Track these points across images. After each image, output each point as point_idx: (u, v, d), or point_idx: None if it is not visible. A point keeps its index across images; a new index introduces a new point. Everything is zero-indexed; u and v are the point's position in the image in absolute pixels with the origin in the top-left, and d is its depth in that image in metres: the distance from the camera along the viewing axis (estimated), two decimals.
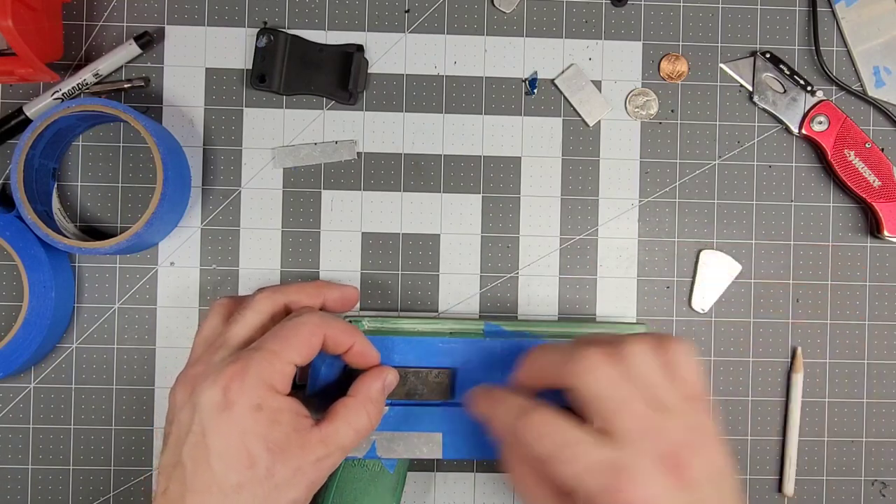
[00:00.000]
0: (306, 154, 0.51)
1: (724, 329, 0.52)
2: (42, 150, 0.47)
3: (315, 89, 0.51)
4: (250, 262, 0.51)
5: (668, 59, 0.52)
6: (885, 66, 0.52)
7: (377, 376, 0.42)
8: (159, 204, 0.45)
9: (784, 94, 0.52)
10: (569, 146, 0.52)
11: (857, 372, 0.52)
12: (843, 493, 0.52)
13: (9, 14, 0.41)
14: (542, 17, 0.52)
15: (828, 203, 0.52)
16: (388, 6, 0.51)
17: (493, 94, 0.51)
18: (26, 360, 0.47)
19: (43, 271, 0.47)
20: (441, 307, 0.51)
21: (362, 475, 0.46)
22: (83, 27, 0.50)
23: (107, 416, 0.50)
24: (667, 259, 0.52)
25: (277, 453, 0.37)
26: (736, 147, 0.52)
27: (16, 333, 0.46)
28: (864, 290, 0.52)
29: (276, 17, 0.51)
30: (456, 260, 0.51)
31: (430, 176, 0.51)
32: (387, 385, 0.43)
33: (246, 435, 0.37)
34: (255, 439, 0.37)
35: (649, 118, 0.52)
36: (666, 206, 0.52)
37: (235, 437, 0.37)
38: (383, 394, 0.42)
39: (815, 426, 0.52)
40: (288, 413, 0.38)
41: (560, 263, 0.51)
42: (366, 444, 0.45)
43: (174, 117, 0.51)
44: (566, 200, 0.52)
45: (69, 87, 0.49)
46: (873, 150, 0.51)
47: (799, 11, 0.52)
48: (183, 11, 0.51)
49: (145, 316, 0.50)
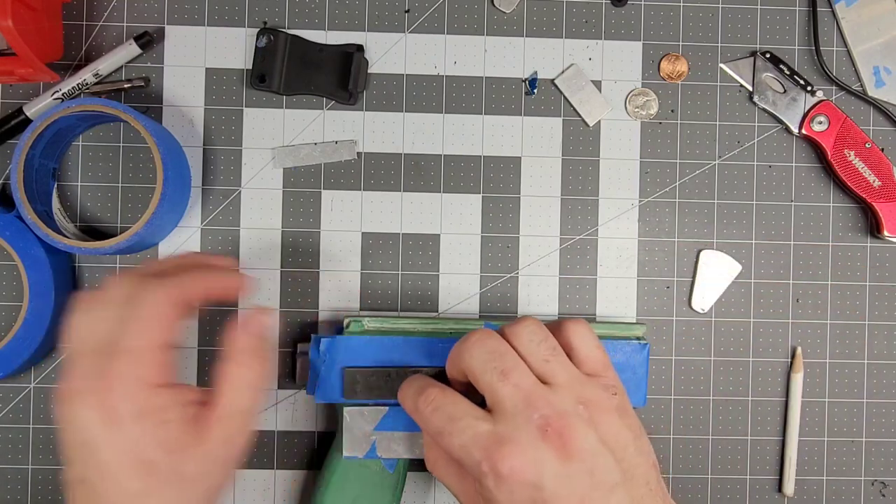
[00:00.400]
0: (306, 154, 0.51)
1: (724, 329, 0.52)
2: (42, 150, 0.47)
3: (315, 89, 0.51)
4: (250, 262, 0.51)
5: (668, 59, 0.52)
6: (885, 66, 0.52)
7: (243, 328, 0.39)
8: (159, 204, 0.45)
9: (784, 94, 0.52)
10: (569, 146, 0.52)
11: (857, 372, 0.52)
12: (843, 493, 0.52)
13: (9, 14, 0.41)
14: (542, 17, 0.52)
15: (828, 203, 0.52)
16: (388, 6, 0.51)
17: (493, 94, 0.51)
18: (26, 359, 0.47)
19: (43, 271, 0.47)
20: (441, 307, 0.51)
21: (362, 475, 0.46)
22: (83, 27, 0.50)
23: None
24: (667, 259, 0.52)
25: (178, 451, 0.36)
26: (736, 147, 0.52)
27: (15, 333, 0.46)
28: (864, 290, 0.52)
29: (276, 17, 0.51)
30: (456, 260, 0.51)
31: (430, 176, 0.51)
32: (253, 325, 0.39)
33: (137, 444, 0.35)
34: (149, 446, 0.35)
35: (649, 118, 0.52)
36: (666, 206, 0.52)
37: (128, 449, 0.35)
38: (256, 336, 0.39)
39: (815, 426, 0.52)
40: (174, 407, 0.36)
41: (560, 263, 0.51)
42: (366, 444, 0.45)
43: (174, 117, 0.51)
44: (566, 200, 0.52)
45: (69, 87, 0.49)
46: (873, 150, 0.51)
47: (799, 11, 0.52)
48: (183, 11, 0.51)
49: None
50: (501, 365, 0.37)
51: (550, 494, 0.35)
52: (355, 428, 0.45)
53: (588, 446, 0.36)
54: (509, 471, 0.35)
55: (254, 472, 0.50)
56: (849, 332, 0.52)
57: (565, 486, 0.35)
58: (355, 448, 0.45)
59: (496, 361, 0.37)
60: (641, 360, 0.47)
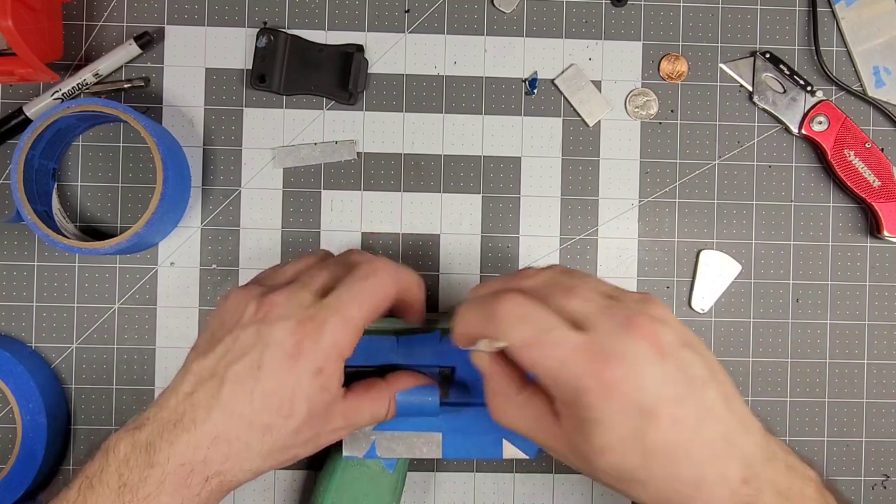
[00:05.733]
0: (306, 154, 0.51)
1: (724, 329, 0.52)
2: (42, 151, 0.47)
3: (315, 89, 0.51)
4: (250, 262, 0.51)
5: (668, 59, 0.52)
6: (885, 66, 0.52)
7: (415, 376, 0.43)
8: (159, 204, 0.45)
9: (784, 94, 0.52)
10: (569, 146, 0.52)
11: (857, 372, 0.52)
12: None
13: (9, 14, 0.41)
14: (542, 17, 0.52)
15: (828, 203, 0.52)
16: (388, 6, 0.51)
17: (493, 94, 0.51)
18: (28, 488, 0.48)
19: (33, 401, 0.47)
20: (441, 307, 0.51)
21: (362, 475, 0.46)
22: (83, 27, 0.50)
23: (107, 416, 0.50)
24: (667, 259, 0.52)
25: (312, 416, 0.38)
26: (736, 147, 0.52)
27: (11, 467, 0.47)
28: (864, 290, 0.52)
29: (276, 17, 0.51)
30: (456, 260, 0.51)
31: (430, 176, 0.51)
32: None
33: (298, 389, 0.37)
34: (303, 398, 0.38)
35: (649, 118, 0.52)
36: (666, 206, 0.52)
37: (288, 386, 0.37)
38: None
39: (815, 426, 0.52)
40: (337, 383, 0.39)
41: (560, 263, 0.51)
42: (366, 444, 0.45)
43: (174, 117, 0.51)
44: (566, 200, 0.52)
45: (69, 87, 0.49)
46: (873, 150, 0.51)
47: (799, 11, 0.52)
48: (183, 11, 0.51)
49: (145, 316, 0.50)
50: (561, 287, 0.36)
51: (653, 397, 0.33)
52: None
53: (673, 340, 0.34)
54: (617, 380, 0.32)
55: None
56: (849, 332, 0.52)
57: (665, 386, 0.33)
58: (355, 448, 0.45)
59: (554, 287, 0.36)
60: None
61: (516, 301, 0.35)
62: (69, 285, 0.50)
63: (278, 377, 0.37)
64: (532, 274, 0.38)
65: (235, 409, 0.37)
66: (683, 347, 0.34)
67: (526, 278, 0.37)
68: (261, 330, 0.38)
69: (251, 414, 0.37)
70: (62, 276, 0.50)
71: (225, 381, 0.38)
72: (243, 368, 0.38)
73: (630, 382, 0.33)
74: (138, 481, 0.36)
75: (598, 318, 0.34)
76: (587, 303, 0.35)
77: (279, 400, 0.37)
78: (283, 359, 0.37)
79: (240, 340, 0.38)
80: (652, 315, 0.34)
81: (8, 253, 0.50)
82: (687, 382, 0.33)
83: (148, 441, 0.37)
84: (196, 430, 0.37)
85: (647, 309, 0.35)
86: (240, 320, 0.39)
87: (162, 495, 0.36)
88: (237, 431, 0.37)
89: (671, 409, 0.33)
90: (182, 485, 0.37)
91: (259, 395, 0.37)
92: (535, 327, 0.34)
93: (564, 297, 0.35)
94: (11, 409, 0.48)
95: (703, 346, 0.36)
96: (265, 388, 0.37)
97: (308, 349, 0.38)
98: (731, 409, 0.34)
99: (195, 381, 0.38)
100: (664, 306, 0.36)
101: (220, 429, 0.37)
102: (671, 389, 0.33)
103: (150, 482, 0.36)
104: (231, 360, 0.38)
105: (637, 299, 0.36)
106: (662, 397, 0.33)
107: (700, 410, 0.33)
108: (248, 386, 0.37)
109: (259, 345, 0.38)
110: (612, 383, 0.32)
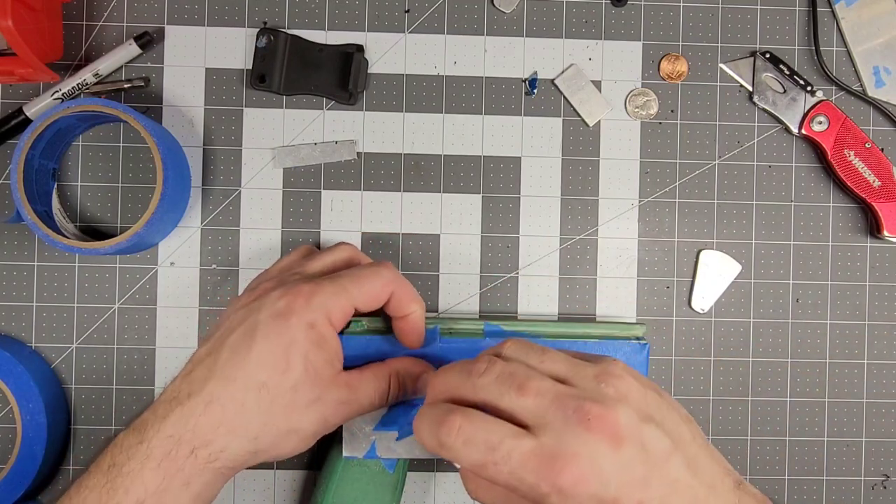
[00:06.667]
0: (306, 154, 0.51)
1: (724, 329, 0.52)
2: (42, 151, 0.47)
3: (315, 89, 0.51)
4: (250, 262, 0.51)
5: (668, 59, 0.52)
6: (885, 66, 0.52)
7: (420, 364, 0.44)
8: (159, 204, 0.45)
9: (784, 94, 0.52)
10: (569, 146, 0.52)
11: (857, 372, 0.52)
12: (843, 493, 0.52)
13: (9, 14, 0.41)
14: (542, 17, 0.52)
15: (828, 203, 0.52)
16: (388, 6, 0.51)
17: (493, 94, 0.51)
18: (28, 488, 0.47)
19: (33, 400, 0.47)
20: (441, 307, 0.51)
21: (362, 475, 0.46)
22: (83, 27, 0.50)
23: (107, 416, 0.50)
24: (667, 259, 0.52)
25: (311, 374, 0.39)
26: (736, 147, 0.52)
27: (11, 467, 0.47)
28: (864, 290, 0.52)
29: (276, 17, 0.51)
30: (456, 260, 0.51)
31: (430, 176, 0.51)
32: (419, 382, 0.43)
33: (292, 344, 0.38)
34: (298, 352, 0.38)
35: (649, 118, 0.52)
36: (666, 206, 0.52)
37: (282, 342, 0.38)
38: (412, 382, 0.43)
39: (815, 426, 0.52)
40: (332, 346, 0.40)
41: (560, 263, 0.51)
42: (366, 444, 0.45)
43: (174, 117, 0.51)
44: (566, 200, 0.52)
45: (69, 87, 0.49)
46: (873, 150, 0.51)
47: (799, 11, 0.52)
48: (183, 11, 0.51)
49: (145, 316, 0.50)
50: (515, 382, 0.34)
51: (614, 488, 0.32)
52: (355, 428, 0.45)
53: (631, 421, 0.33)
54: (573, 483, 0.32)
55: (254, 472, 0.50)
56: (849, 332, 0.52)
57: (625, 472, 0.32)
58: (355, 448, 0.45)
59: (507, 382, 0.34)
60: (641, 360, 0.47)
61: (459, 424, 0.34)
62: (69, 285, 0.50)
63: (271, 336, 0.38)
64: (484, 368, 0.35)
65: (230, 374, 0.38)
66: (643, 424, 0.33)
67: (478, 375, 0.35)
68: (252, 305, 0.40)
69: (245, 376, 0.38)
70: (62, 276, 0.50)
71: (220, 354, 0.39)
72: (237, 338, 0.39)
73: (587, 480, 0.32)
74: (126, 459, 0.37)
75: (550, 416, 0.33)
76: (539, 398, 0.34)
77: (274, 357, 0.38)
78: (274, 318, 0.39)
79: (234, 320, 0.40)
80: (607, 396, 0.34)
81: (8, 253, 0.50)
82: (648, 462, 0.33)
83: (142, 420, 0.38)
84: (189, 402, 0.37)
85: (603, 388, 0.34)
86: (232, 308, 0.41)
87: (145, 470, 0.36)
88: (231, 393, 0.37)
89: (635, 494, 0.32)
90: (165, 457, 0.37)
91: (254, 356, 0.38)
92: (482, 448, 0.33)
93: (516, 396, 0.34)
94: (11, 409, 0.48)
95: (664, 406, 0.35)
96: (260, 349, 0.38)
97: (299, 307, 0.39)
98: (696, 474, 0.34)
99: (193, 363, 0.39)
100: (622, 373, 0.35)
101: (215, 394, 0.38)
102: (632, 473, 0.33)
103: (136, 458, 0.37)
104: (226, 335, 0.39)
105: (593, 375, 0.35)
106: (624, 484, 0.32)
107: (664, 487, 0.33)
108: (242, 353, 0.38)
109: (251, 316, 0.39)
110: (568, 486, 0.32)
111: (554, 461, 0.32)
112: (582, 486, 0.32)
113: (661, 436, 0.34)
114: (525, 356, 0.36)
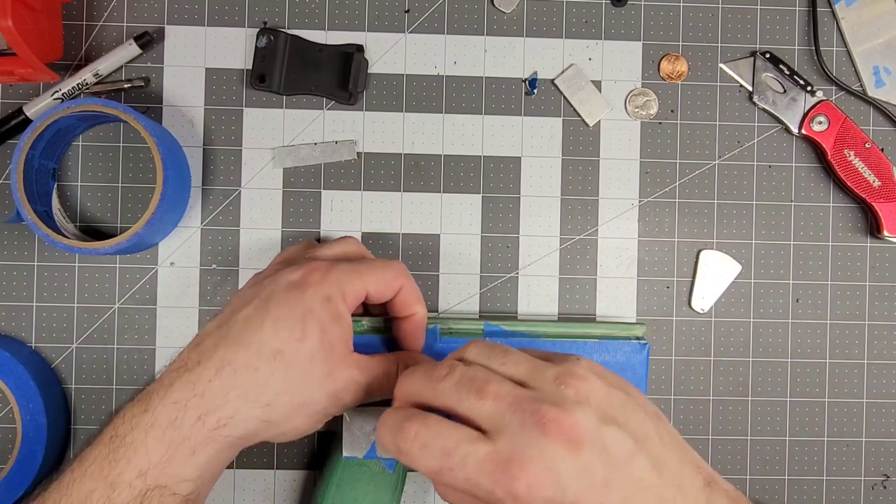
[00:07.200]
0: (306, 154, 0.51)
1: (724, 329, 0.52)
2: (42, 151, 0.47)
3: (315, 89, 0.51)
4: (250, 262, 0.51)
5: (668, 59, 0.52)
6: (885, 66, 0.52)
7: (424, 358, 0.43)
8: (159, 204, 0.45)
9: (784, 94, 0.52)
10: (569, 146, 0.52)
11: (857, 372, 0.52)
12: (843, 493, 0.52)
13: (9, 14, 0.41)
14: (542, 17, 0.52)
15: (828, 203, 0.52)
16: (388, 6, 0.51)
17: (493, 94, 0.51)
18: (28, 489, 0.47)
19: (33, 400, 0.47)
20: (441, 307, 0.51)
21: (362, 475, 0.46)
22: (83, 27, 0.50)
23: (107, 416, 0.50)
24: (667, 259, 0.52)
25: (326, 346, 0.38)
26: (736, 147, 0.52)
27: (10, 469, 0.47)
28: (864, 290, 0.52)
29: (276, 17, 0.51)
30: (456, 260, 0.51)
31: (430, 176, 0.51)
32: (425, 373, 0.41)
33: (309, 314, 0.38)
34: (315, 322, 0.38)
35: (649, 118, 0.52)
36: (666, 206, 0.52)
37: (298, 310, 0.38)
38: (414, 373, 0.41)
39: (815, 426, 0.52)
40: (346, 323, 0.39)
41: (560, 263, 0.51)
42: (366, 444, 0.45)
43: (174, 117, 0.51)
44: (566, 200, 0.52)
45: (69, 87, 0.49)
46: (873, 150, 0.51)
47: (799, 11, 0.52)
48: (183, 11, 0.51)
49: (145, 316, 0.50)
50: (473, 386, 0.34)
51: (574, 493, 0.31)
52: (355, 428, 0.45)
53: (590, 423, 0.32)
54: (527, 489, 0.31)
55: (254, 472, 0.50)
56: (849, 332, 0.52)
57: (586, 477, 0.32)
58: (355, 448, 0.45)
59: (467, 386, 0.34)
60: (641, 360, 0.47)
61: (415, 431, 0.33)
62: (69, 285, 0.50)
63: (287, 302, 0.38)
64: (445, 372, 0.35)
65: (244, 339, 0.37)
66: (603, 426, 0.33)
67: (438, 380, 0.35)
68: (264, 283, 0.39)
69: (260, 342, 0.37)
70: (62, 276, 0.50)
71: (232, 325, 0.38)
72: (251, 310, 0.38)
73: (542, 485, 0.31)
74: (129, 429, 0.36)
75: (507, 420, 0.33)
76: (497, 401, 0.33)
77: (290, 323, 0.37)
78: (289, 289, 0.38)
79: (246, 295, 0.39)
80: (566, 398, 0.33)
81: (8, 253, 0.50)
82: (610, 464, 0.32)
83: (148, 391, 0.37)
84: (198, 368, 0.36)
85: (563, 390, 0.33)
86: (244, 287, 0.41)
87: (149, 439, 0.36)
88: (245, 358, 0.36)
89: (595, 498, 0.32)
90: (170, 424, 0.36)
91: (270, 322, 0.37)
92: (438, 453, 0.33)
93: (475, 401, 0.33)
94: (11, 409, 0.48)
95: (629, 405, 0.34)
96: (276, 315, 0.37)
97: (315, 280, 0.39)
98: (662, 474, 0.33)
99: (202, 335, 0.38)
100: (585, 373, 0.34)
101: (227, 359, 0.36)
102: (592, 477, 0.32)
103: (140, 426, 0.36)
104: (238, 309, 0.39)
105: (553, 377, 0.34)
106: (583, 489, 0.32)
107: (627, 489, 0.32)
108: (256, 320, 0.37)
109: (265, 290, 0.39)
110: (522, 492, 0.31)
111: (509, 466, 0.31)
112: (537, 491, 0.31)
113: (624, 437, 0.33)
114: (487, 359, 0.36)
